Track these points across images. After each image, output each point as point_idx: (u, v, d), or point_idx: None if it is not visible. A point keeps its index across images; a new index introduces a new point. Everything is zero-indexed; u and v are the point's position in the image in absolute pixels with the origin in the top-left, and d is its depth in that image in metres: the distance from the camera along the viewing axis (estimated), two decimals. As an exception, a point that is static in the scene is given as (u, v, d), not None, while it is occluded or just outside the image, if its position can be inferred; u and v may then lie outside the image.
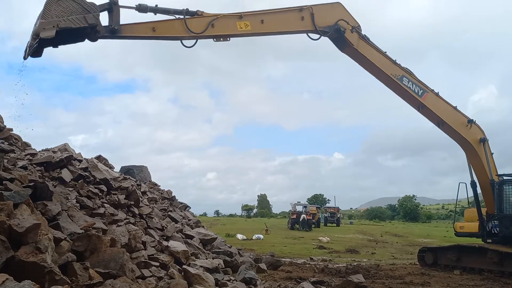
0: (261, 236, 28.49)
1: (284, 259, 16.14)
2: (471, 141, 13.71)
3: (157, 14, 8.97)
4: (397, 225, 70.04)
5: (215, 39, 9.67)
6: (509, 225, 13.51)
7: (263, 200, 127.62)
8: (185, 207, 16.40)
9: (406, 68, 13.08)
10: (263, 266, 12.27)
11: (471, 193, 14.40)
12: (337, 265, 15.06)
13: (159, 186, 16.62)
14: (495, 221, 14.06)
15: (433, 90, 13.40)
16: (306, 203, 55.79)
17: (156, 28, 8.71)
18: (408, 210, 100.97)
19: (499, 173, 14.08)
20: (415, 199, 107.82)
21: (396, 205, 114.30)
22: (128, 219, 9.14)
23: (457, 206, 17.12)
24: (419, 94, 13.15)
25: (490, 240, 14.06)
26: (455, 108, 13.67)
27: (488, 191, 13.97)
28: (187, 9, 9.12)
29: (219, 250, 12.19)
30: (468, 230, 14.81)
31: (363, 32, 12.26)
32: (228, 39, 9.89)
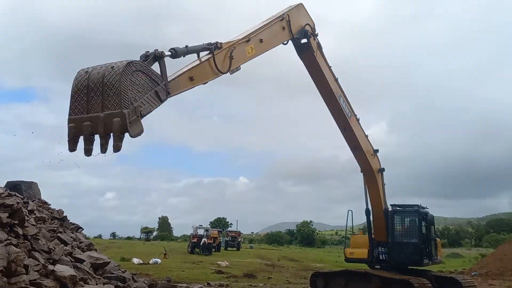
0: (159, 260, 27.62)
1: (181, 284, 15.82)
2: (374, 169, 14.65)
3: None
4: (294, 249, 72.50)
5: (231, 73, 8.56)
6: (400, 252, 14.54)
7: (164, 222, 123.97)
8: (77, 228, 15.32)
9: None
10: (157, 291, 11.90)
11: (357, 221, 15.47)
12: (234, 290, 15.12)
13: (49, 204, 15.38)
14: (383, 248, 15.00)
15: (356, 115, 13.88)
16: (208, 226, 55.46)
17: (194, 77, 7.54)
18: (305, 235, 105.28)
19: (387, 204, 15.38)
20: (312, 225, 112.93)
21: (295, 230, 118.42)
22: (10, 240, 8.34)
23: (347, 232, 17.80)
24: (348, 116, 13.45)
25: (378, 266, 14.93)
26: (366, 136, 14.59)
27: (381, 219, 14.92)
28: (214, 44, 7.99)
29: (112, 275, 11.57)
30: (357, 256, 15.37)
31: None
32: (240, 67, 8.90)
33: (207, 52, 7.87)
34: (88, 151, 5.91)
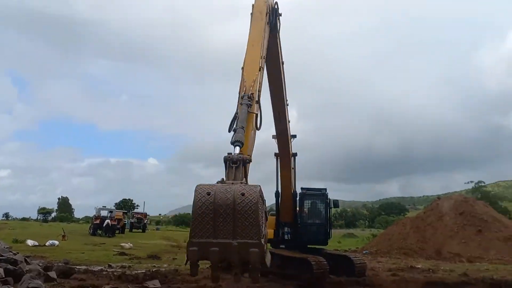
0: (56, 242, 26.08)
1: (80, 267, 15.11)
2: (291, 154, 15.21)
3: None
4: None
5: None
6: (308, 232, 15.54)
7: (64, 203, 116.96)
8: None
9: None
10: (53, 274, 11.26)
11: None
12: (136, 272, 14.82)
13: None
14: (288, 228, 15.71)
15: (287, 100, 13.92)
16: (113, 208, 53.54)
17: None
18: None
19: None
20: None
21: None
22: None
23: None
24: (286, 100, 13.54)
25: (283, 246, 15.63)
26: (289, 122, 14.89)
27: (289, 201, 15.55)
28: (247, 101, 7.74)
29: (1, 257, 10.70)
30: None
31: None
32: None
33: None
34: (216, 279, 5.79)
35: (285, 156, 15.21)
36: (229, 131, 8.11)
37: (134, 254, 21.98)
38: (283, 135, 14.55)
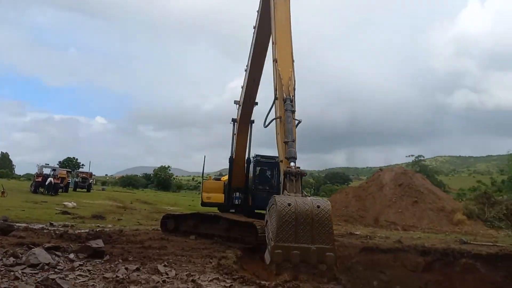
0: (-6, 199, 24.96)
1: (19, 224, 14.65)
2: (250, 121, 15.32)
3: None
4: (149, 193, 72.27)
5: None
6: (261, 198, 15.79)
7: (3, 159, 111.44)
8: None
9: None
10: (-11, 231, 10.81)
11: (214, 167, 16.14)
12: (79, 231, 14.57)
13: None
14: (239, 194, 16.00)
15: None
16: (56, 166, 51.76)
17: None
18: (162, 180, 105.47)
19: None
20: (170, 170, 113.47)
21: (151, 175, 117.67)
22: None
23: (203, 177, 18.28)
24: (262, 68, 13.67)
25: (233, 210, 15.95)
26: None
27: (242, 167, 15.78)
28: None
29: None
30: (214, 200, 16.08)
31: None
32: None
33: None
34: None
35: (244, 123, 15.26)
36: (265, 126, 9.22)
37: (78, 214, 21.52)
38: (251, 102, 14.55)
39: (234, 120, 15.63)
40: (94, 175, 69.71)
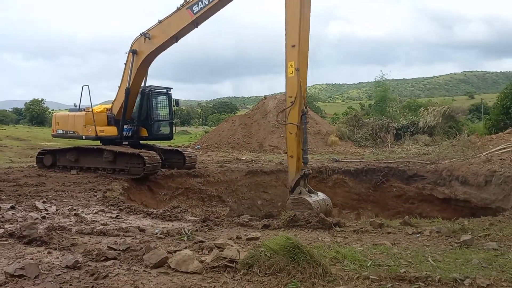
0: None
1: None
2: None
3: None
4: (21, 129, 65.87)
5: None
6: (156, 128, 15.86)
7: None
8: None
9: None
10: None
11: (93, 100, 15.15)
12: None
13: None
14: (130, 126, 15.52)
15: None
16: None
17: None
18: (35, 114, 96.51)
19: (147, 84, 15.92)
20: (44, 103, 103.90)
21: (23, 109, 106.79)
22: None
23: (91, 110, 16.89)
24: None
25: (126, 142, 15.50)
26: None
27: (135, 99, 15.30)
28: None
29: None
30: (108, 133, 15.19)
31: None
32: None
33: None
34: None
35: (154, 56, 14.60)
36: (280, 122, 13.36)
37: None
38: (177, 38, 13.81)
39: (134, 52, 14.49)
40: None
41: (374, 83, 48.27)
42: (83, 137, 15.22)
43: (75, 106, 16.85)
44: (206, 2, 13.00)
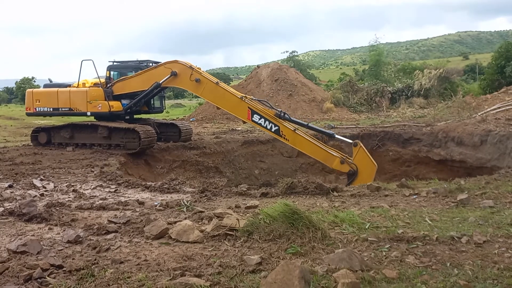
0: None
1: None
2: None
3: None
4: (14, 108, 65.20)
5: None
6: (146, 104, 15.69)
7: None
8: None
9: None
10: None
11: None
12: None
13: None
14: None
15: None
16: None
17: None
18: (26, 92, 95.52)
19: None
20: (35, 82, 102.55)
21: (14, 88, 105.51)
22: None
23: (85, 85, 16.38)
24: None
25: (128, 117, 15.42)
26: None
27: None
28: None
29: None
30: (116, 109, 14.76)
31: None
32: None
33: None
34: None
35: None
36: None
37: None
38: None
39: (174, 74, 13.78)
40: None
41: (368, 48, 47.70)
42: (88, 113, 14.91)
43: (50, 81, 16.61)
44: None
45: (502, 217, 5.22)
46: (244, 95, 13.44)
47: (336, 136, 12.87)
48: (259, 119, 12.59)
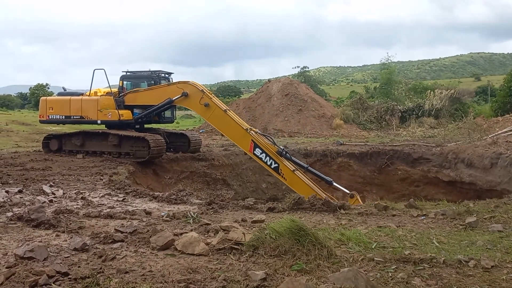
0: None
1: None
2: None
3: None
4: (27, 114, 66.05)
5: None
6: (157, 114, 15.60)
7: None
8: None
9: None
10: None
11: (99, 85, 15.11)
12: None
13: None
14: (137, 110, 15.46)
15: None
16: None
17: None
18: (39, 99, 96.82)
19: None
20: (49, 88, 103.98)
21: (28, 94, 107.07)
22: None
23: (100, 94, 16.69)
24: None
25: (138, 126, 15.61)
26: None
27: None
28: None
29: None
30: (126, 117, 14.99)
31: None
32: None
33: None
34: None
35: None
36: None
37: None
38: None
39: (185, 95, 14.05)
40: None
41: (379, 66, 47.80)
42: (98, 121, 15.12)
43: (64, 89, 16.90)
44: None
45: (511, 242, 5.16)
46: (249, 127, 13.38)
47: (334, 184, 12.47)
48: (261, 153, 12.58)
